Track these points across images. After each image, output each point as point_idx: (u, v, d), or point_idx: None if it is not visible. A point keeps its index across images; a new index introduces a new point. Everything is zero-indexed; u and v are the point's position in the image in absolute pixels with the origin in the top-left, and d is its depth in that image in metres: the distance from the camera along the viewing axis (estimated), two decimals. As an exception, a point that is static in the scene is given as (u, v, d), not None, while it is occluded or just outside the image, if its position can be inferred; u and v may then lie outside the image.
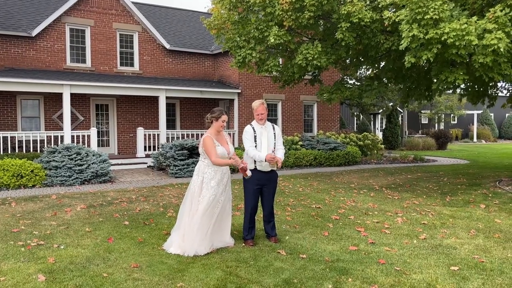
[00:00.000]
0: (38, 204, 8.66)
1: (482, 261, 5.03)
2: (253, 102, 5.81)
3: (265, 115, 5.67)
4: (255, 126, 5.66)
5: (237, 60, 10.87)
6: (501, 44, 7.47)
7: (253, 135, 5.58)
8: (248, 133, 5.61)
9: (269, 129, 5.71)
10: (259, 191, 5.67)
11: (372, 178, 12.93)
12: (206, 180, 5.38)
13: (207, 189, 5.34)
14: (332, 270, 4.69)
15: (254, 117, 5.70)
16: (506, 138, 40.51)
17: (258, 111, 5.63)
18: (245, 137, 5.60)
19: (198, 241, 5.25)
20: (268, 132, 5.67)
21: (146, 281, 4.37)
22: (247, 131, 5.64)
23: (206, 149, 5.31)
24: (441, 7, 7.71)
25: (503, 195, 9.62)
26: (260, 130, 5.64)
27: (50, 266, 4.81)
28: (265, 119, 5.69)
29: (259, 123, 5.67)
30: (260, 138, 5.58)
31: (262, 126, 5.67)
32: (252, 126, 5.67)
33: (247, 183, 5.67)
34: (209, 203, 5.31)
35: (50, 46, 15.84)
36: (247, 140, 5.57)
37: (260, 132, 5.62)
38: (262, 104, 5.67)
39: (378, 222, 7.05)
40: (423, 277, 4.50)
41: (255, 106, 5.67)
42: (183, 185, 11.42)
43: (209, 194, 5.32)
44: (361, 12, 9.06)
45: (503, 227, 6.70)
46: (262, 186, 5.65)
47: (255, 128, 5.63)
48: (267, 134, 5.65)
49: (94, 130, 14.67)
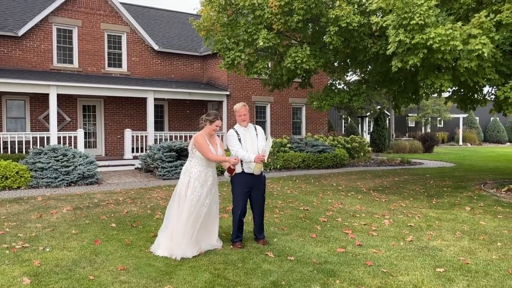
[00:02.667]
0: (23, 206, 8.55)
1: (467, 262, 5.11)
2: (235, 104, 5.82)
3: (247, 116, 5.68)
4: (238, 129, 5.66)
5: (226, 62, 10.88)
6: (485, 49, 7.60)
7: (238, 138, 5.59)
8: (232, 136, 5.62)
9: (252, 131, 5.72)
10: (247, 194, 5.67)
11: (360, 180, 13.03)
12: (192, 180, 5.39)
13: (192, 189, 5.34)
14: (320, 272, 4.72)
15: (237, 119, 5.70)
16: (490, 142, 41.12)
17: (241, 112, 5.63)
18: (230, 140, 5.60)
19: (185, 243, 5.24)
20: (251, 134, 5.69)
21: (133, 284, 4.34)
22: (232, 134, 5.63)
23: (199, 147, 5.33)
24: (427, 13, 7.81)
25: (488, 198, 9.77)
26: (244, 132, 5.64)
27: (35, 269, 4.75)
28: (247, 121, 5.70)
29: (241, 124, 5.67)
30: (244, 140, 5.59)
31: (245, 129, 5.67)
32: (235, 130, 5.67)
33: (235, 186, 5.66)
34: (193, 204, 5.30)
35: (36, 46, 15.67)
36: (233, 143, 5.57)
37: (244, 134, 5.62)
38: (244, 106, 5.68)
39: (366, 224, 7.11)
40: (410, 279, 4.55)
41: (238, 108, 5.67)
42: (171, 187, 11.36)
43: (193, 195, 5.32)
44: (349, 16, 9.15)
45: (488, 229, 6.81)
46: (250, 189, 5.65)
47: (238, 131, 5.64)
48: (251, 135, 5.66)
49: (81, 131, 14.54)
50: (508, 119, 42.11)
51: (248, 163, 5.52)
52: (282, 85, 12.08)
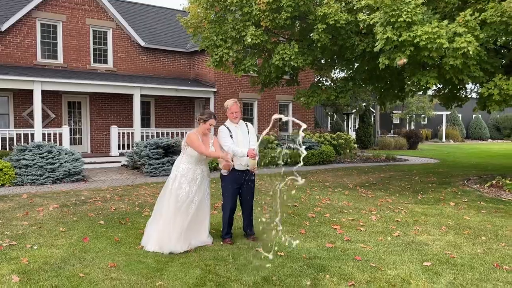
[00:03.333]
0: (8, 204, 8.42)
1: (453, 256, 5.22)
2: (226, 101, 5.79)
3: (239, 113, 5.66)
4: (229, 126, 5.62)
5: (214, 60, 10.86)
6: (470, 47, 7.74)
7: (229, 134, 5.56)
8: (224, 132, 5.57)
9: (243, 128, 5.71)
10: (237, 190, 5.67)
11: (346, 176, 13.15)
12: (179, 176, 5.42)
13: (178, 185, 5.37)
14: (310, 267, 4.77)
15: (228, 116, 5.69)
16: (473, 138, 41.87)
17: (232, 109, 5.60)
18: (222, 137, 5.55)
19: (174, 239, 5.26)
20: (243, 131, 5.68)
21: (124, 281, 4.33)
22: (223, 130, 5.58)
23: (191, 144, 5.34)
24: (414, 11, 7.92)
25: (471, 193, 9.97)
26: (235, 129, 5.61)
27: (24, 266, 4.70)
28: (239, 118, 5.69)
29: (233, 121, 5.64)
30: (236, 137, 5.56)
31: (236, 125, 5.65)
32: (226, 126, 5.63)
33: (225, 183, 5.66)
34: (179, 200, 5.32)
35: (20, 42, 15.40)
36: (224, 139, 5.53)
37: (235, 131, 5.59)
38: (235, 103, 5.66)
39: (353, 220, 7.19)
40: (398, 273, 4.63)
41: (229, 104, 5.63)
42: (159, 184, 11.31)
43: (179, 191, 5.34)
44: (337, 14, 9.21)
45: (472, 224, 6.95)
46: (240, 185, 5.65)
47: (230, 128, 5.60)
48: (242, 132, 5.65)
49: (66, 128, 14.36)
50: (490, 116, 42.89)
51: (240, 160, 5.52)
52: (271, 83, 12.11)
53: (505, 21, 7.95)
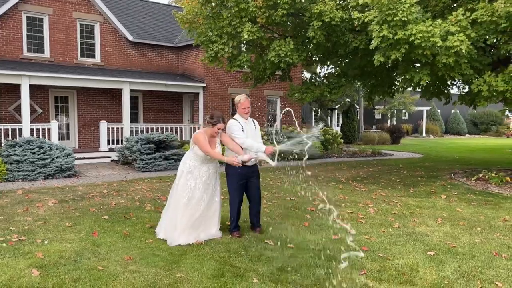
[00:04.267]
0: (5, 200, 8.35)
1: (453, 246, 5.48)
2: (237, 96, 5.87)
3: (250, 109, 5.79)
4: (240, 120, 5.72)
5: (209, 55, 10.91)
6: (463, 46, 8.03)
7: (241, 128, 5.63)
8: (236, 125, 5.62)
9: (251, 124, 5.82)
10: (244, 185, 5.76)
11: (337, 171, 13.41)
12: (185, 172, 5.55)
13: (184, 181, 5.51)
14: (321, 258, 4.95)
15: (239, 111, 5.79)
16: (451, 133, 42.94)
17: (244, 104, 5.70)
18: (234, 130, 5.58)
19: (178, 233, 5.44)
20: (251, 127, 5.78)
21: (144, 273, 4.43)
22: (234, 124, 5.63)
23: (198, 144, 5.43)
24: (409, 10, 8.16)
25: (460, 186, 10.34)
26: (245, 124, 5.70)
27: (40, 261, 4.74)
28: (249, 113, 5.81)
29: (243, 116, 5.74)
30: (246, 131, 5.64)
31: (246, 121, 5.76)
32: (237, 120, 5.72)
33: (232, 178, 5.72)
34: (184, 196, 5.47)
35: (5, 35, 15.10)
36: (237, 132, 5.56)
37: (245, 126, 5.68)
38: (247, 98, 5.77)
39: (352, 213, 7.42)
40: (405, 262, 4.86)
41: (241, 99, 5.72)
42: (153, 179, 11.35)
43: (185, 187, 5.49)
44: (332, 11, 9.39)
45: (466, 215, 7.27)
46: (247, 180, 5.75)
47: (240, 122, 5.69)
48: (250, 128, 5.75)
49: (55, 123, 14.19)
50: (467, 112, 44.02)
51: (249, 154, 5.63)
52: (264, 79, 12.24)
53: (495, 20, 8.28)
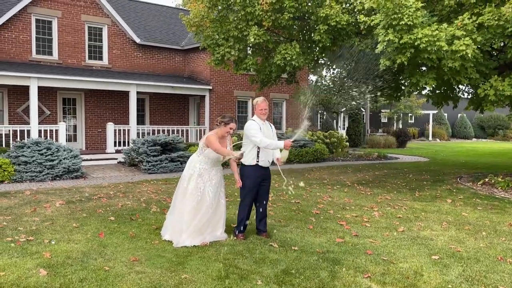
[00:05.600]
0: (13, 200, 8.45)
1: (458, 250, 5.49)
2: (255, 98, 5.97)
3: (268, 110, 5.85)
4: (258, 121, 5.78)
5: (215, 58, 10.99)
6: (469, 50, 8.03)
7: (259, 128, 5.67)
8: (255, 125, 5.66)
9: (268, 126, 5.89)
10: (257, 187, 5.82)
11: (342, 174, 13.42)
12: (195, 176, 5.58)
13: (195, 185, 5.55)
14: (325, 261, 4.98)
15: (256, 113, 5.85)
16: (458, 137, 42.67)
17: (262, 106, 5.77)
18: (253, 129, 5.60)
19: (185, 236, 5.49)
20: (268, 128, 5.85)
21: (149, 274, 4.47)
22: (252, 124, 5.68)
23: (211, 146, 5.47)
24: (415, 14, 8.18)
25: (466, 191, 10.31)
26: (262, 125, 5.77)
27: (47, 261, 4.80)
28: (267, 115, 5.87)
29: (261, 118, 5.81)
30: (263, 132, 5.70)
31: (263, 122, 5.83)
32: (255, 121, 5.78)
33: (248, 179, 5.76)
34: (195, 200, 5.52)
35: (15, 37, 15.28)
36: (255, 131, 5.59)
37: (263, 127, 5.75)
38: (265, 100, 5.85)
39: (357, 216, 7.43)
40: (409, 266, 4.87)
41: (259, 101, 5.81)
42: (159, 181, 11.42)
43: (195, 190, 5.53)
44: (338, 15, 9.42)
45: (471, 220, 7.26)
46: (260, 182, 5.81)
47: (258, 123, 5.75)
48: (267, 129, 5.83)
49: (62, 124, 14.34)
50: (474, 115, 43.76)
51: (266, 155, 5.68)
52: (270, 82, 12.29)
53: (502, 25, 8.27)
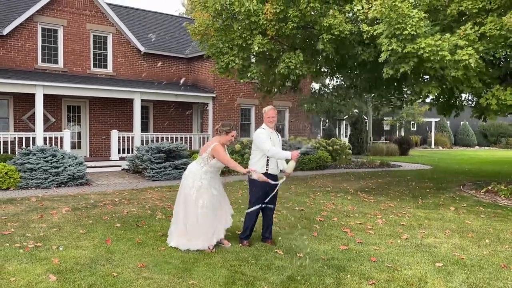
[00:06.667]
0: (19, 207, 8.53)
1: (462, 258, 5.53)
2: (265, 107, 6.07)
3: (276, 118, 5.94)
4: (267, 130, 5.90)
5: (219, 66, 11.11)
6: (471, 60, 8.12)
7: (269, 136, 5.78)
8: (264, 133, 5.79)
9: (275, 134, 6.00)
10: (266, 194, 5.86)
11: (345, 182, 13.47)
12: (205, 186, 5.64)
13: (209, 195, 5.64)
14: (330, 268, 5.04)
15: (265, 121, 5.96)
16: (461, 145, 42.68)
17: (269, 114, 5.89)
18: (262, 138, 5.73)
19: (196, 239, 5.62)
20: (275, 137, 5.96)
21: (157, 280, 4.54)
22: (262, 132, 5.81)
23: (218, 156, 5.57)
24: (418, 24, 8.29)
25: (469, 199, 10.36)
26: (270, 133, 5.89)
27: (56, 266, 4.88)
28: (275, 123, 5.96)
29: (269, 126, 5.93)
30: (272, 141, 5.81)
31: (271, 131, 5.94)
32: (265, 130, 5.89)
33: (256, 187, 5.81)
34: (205, 206, 5.61)
35: (21, 45, 15.46)
36: (264, 139, 5.71)
37: (271, 135, 5.87)
38: (273, 109, 5.95)
39: (361, 224, 7.49)
40: (414, 273, 4.93)
41: (267, 109, 5.94)
42: (163, 188, 11.49)
43: (209, 199, 5.62)
44: (342, 24, 9.54)
45: (474, 228, 7.30)
46: (268, 190, 5.85)
47: (267, 131, 5.87)
48: (275, 138, 5.94)
49: (67, 132, 14.45)
50: (477, 123, 43.79)
51: (275, 163, 5.77)
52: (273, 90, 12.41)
53: (504, 34, 8.37)
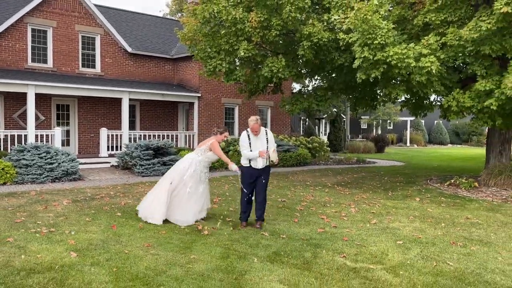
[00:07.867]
0: (21, 200, 9.17)
1: (419, 237, 6.54)
2: (250, 118, 6.93)
3: (258, 131, 6.79)
4: (250, 134, 6.86)
5: (207, 69, 11.93)
6: (433, 66, 9.17)
7: (248, 142, 6.82)
8: (243, 141, 6.87)
9: (263, 136, 6.90)
10: (253, 183, 6.90)
11: (323, 177, 14.46)
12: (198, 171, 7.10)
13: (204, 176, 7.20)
14: (309, 245, 5.96)
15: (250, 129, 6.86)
16: (435, 143, 44.44)
17: (253, 128, 6.78)
18: (241, 144, 6.88)
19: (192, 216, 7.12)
20: (262, 139, 6.88)
21: (163, 255, 5.37)
22: (243, 139, 6.88)
23: (215, 151, 7.08)
24: (387, 34, 9.28)
25: (433, 191, 11.47)
26: (254, 138, 6.87)
27: (73, 246, 5.65)
28: (258, 132, 6.83)
29: (254, 134, 6.88)
30: (255, 144, 6.83)
31: (256, 137, 6.89)
32: (248, 134, 6.87)
33: (244, 177, 6.95)
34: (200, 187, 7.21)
35: (11, 46, 15.93)
36: (242, 147, 6.86)
37: (254, 139, 6.86)
38: (256, 123, 6.76)
39: (336, 212, 8.45)
40: (378, 248, 5.89)
41: (251, 124, 6.79)
42: (153, 183, 12.09)
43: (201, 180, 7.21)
44: (320, 32, 10.48)
45: (434, 214, 8.35)
46: (256, 179, 6.87)
47: (250, 136, 6.85)
48: (260, 140, 6.87)
49: (58, 130, 15.02)
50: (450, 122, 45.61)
51: (256, 161, 6.75)
52: (257, 91, 13.29)
53: (462, 44, 9.45)
